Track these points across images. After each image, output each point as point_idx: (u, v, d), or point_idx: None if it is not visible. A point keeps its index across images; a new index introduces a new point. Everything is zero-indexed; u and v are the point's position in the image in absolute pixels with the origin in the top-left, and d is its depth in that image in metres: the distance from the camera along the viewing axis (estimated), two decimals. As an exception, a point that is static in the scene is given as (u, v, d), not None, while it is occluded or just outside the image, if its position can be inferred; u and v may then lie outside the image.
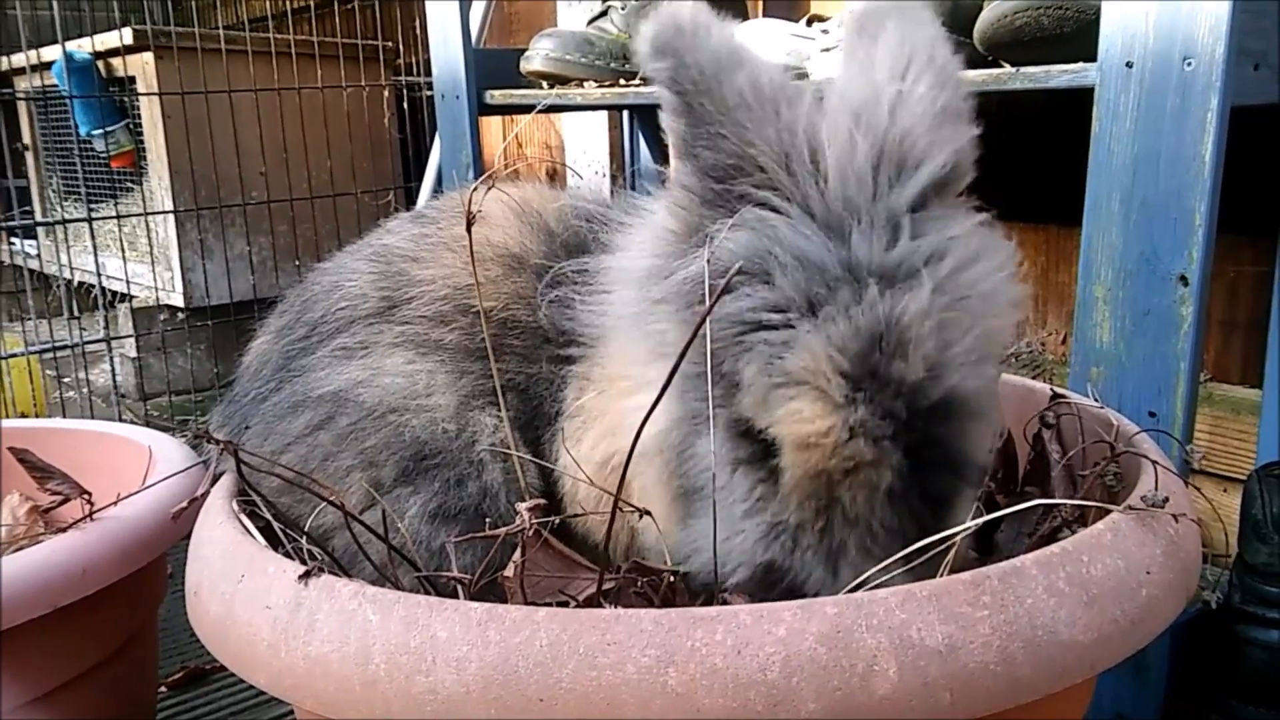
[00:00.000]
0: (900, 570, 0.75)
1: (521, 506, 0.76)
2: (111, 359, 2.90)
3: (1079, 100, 1.23)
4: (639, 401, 0.83)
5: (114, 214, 3.01)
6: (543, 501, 0.80)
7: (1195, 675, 1.26)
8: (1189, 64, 1.11)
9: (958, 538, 0.74)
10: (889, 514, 0.75)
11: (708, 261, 0.76)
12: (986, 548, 0.99)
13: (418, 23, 3.01)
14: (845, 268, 0.74)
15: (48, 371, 2.77)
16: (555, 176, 3.05)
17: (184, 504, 0.88)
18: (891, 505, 0.75)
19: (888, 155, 0.77)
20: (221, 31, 2.94)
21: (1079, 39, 1.25)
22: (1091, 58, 1.20)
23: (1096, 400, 1.06)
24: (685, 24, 0.79)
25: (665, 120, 0.80)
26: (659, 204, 0.88)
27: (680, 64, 0.78)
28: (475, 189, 0.92)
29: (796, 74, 1.64)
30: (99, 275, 2.81)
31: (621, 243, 0.93)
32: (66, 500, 1.21)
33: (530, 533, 0.76)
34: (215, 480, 0.97)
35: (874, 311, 0.72)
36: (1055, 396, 1.05)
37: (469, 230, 0.90)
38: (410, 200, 3.16)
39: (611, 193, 1.10)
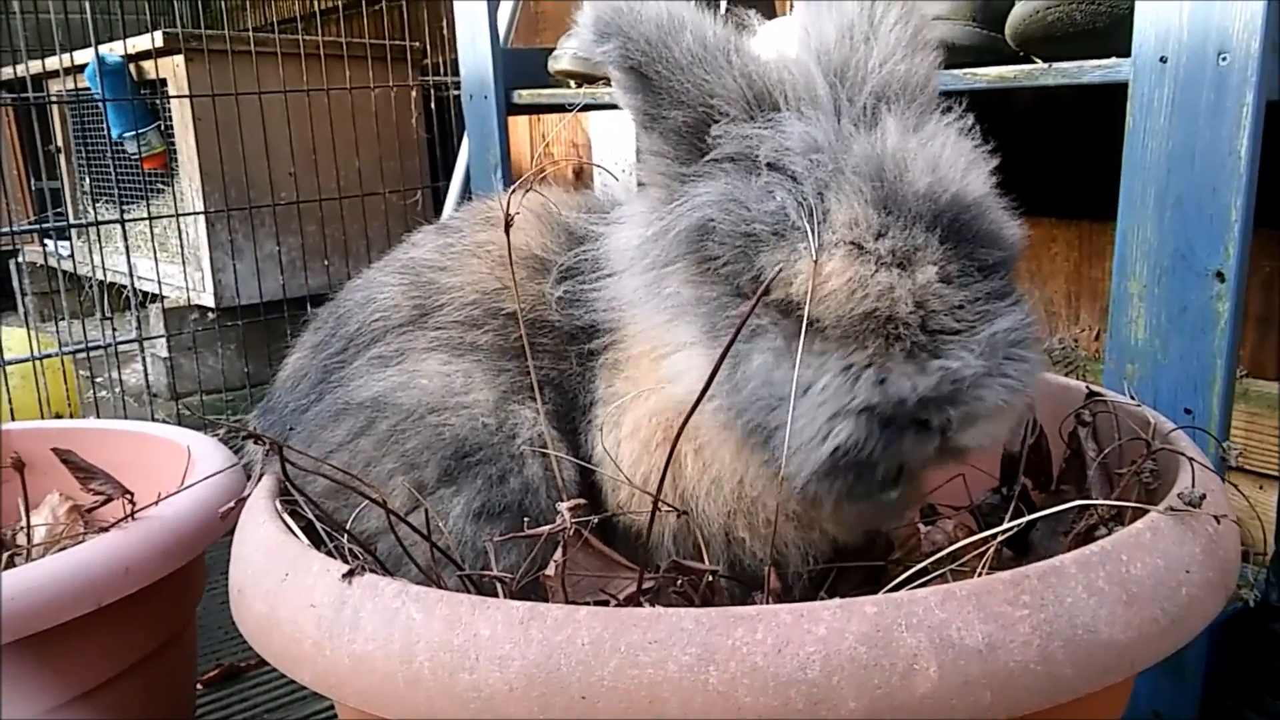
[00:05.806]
0: None
1: (562, 506, 0.76)
2: (144, 359, 2.93)
3: (1112, 95, 1.23)
4: (671, 365, 0.87)
5: (145, 215, 3.04)
6: (583, 501, 0.81)
7: (1232, 673, 1.25)
8: (1224, 58, 1.10)
9: (996, 540, 0.74)
10: (951, 293, 0.78)
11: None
12: (1023, 547, 0.99)
13: (445, 23, 3.02)
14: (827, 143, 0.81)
15: (81, 371, 2.80)
16: (582, 175, 3.06)
17: (231, 503, 0.89)
18: (950, 285, 0.78)
19: (858, 78, 0.84)
20: (251, 33, 2.97)
21: (1112, 34, 1.24)
22: (1125, 53, 1.20)
23: (1133, 398, 1.06)
24: (621, 3, 0.84)
25: (622, 100, 0.85)
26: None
27: (627, 39, 0.83)
28: (513, 191, 0.93)
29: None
30: (131, 276, 2.84)
31: (616, 228, 0.97)
32: (109, 500, 1.23)
33: (570, 532, 0.76)
34: (258, 480, 0.98)
35: (868, 149, 0.79)
36: (1091, 394, 1.05)
37: (507, 232, 0.91)
38: (438, 200, 3.17)
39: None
